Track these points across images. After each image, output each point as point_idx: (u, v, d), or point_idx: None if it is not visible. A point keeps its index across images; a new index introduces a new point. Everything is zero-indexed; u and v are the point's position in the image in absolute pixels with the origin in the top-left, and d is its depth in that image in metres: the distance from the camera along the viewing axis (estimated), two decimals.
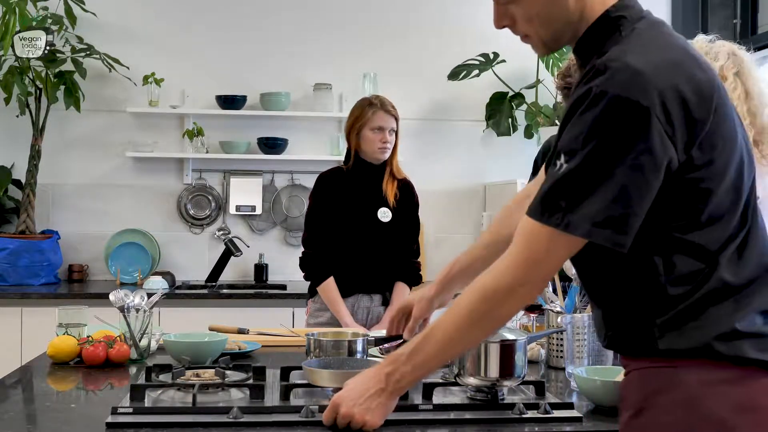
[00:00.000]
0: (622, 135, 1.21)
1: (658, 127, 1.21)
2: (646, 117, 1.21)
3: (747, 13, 4.43)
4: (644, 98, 1.21)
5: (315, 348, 1.98)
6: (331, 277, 3.17)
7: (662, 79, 1.23)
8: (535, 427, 1.62)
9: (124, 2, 4.69)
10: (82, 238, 4.64)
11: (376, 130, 3.17)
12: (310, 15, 4.80)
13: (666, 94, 1.22)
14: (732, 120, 1.32)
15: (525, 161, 3.79)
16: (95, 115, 4.64)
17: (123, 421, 1.58)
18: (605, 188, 1.22)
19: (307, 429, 1.57)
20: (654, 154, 1.22)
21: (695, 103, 1.24)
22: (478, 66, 4.67)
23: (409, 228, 3.30)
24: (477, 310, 1.36)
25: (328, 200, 3.21)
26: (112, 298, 2.25)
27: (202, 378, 1.82)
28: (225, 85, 4.68)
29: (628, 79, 1.22)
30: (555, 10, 1.36)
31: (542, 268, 1.31)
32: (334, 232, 3.20)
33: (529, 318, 2.41)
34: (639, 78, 1.22)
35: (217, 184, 4.78)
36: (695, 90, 1.25)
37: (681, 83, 1.24)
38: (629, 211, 1.23)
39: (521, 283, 1.32)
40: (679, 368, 1.27)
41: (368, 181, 3.24)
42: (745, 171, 1.33)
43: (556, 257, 1.30)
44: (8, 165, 4.55)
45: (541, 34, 1.40)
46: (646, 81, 1.21)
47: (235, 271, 4.70)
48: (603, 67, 1.25)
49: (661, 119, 1.21)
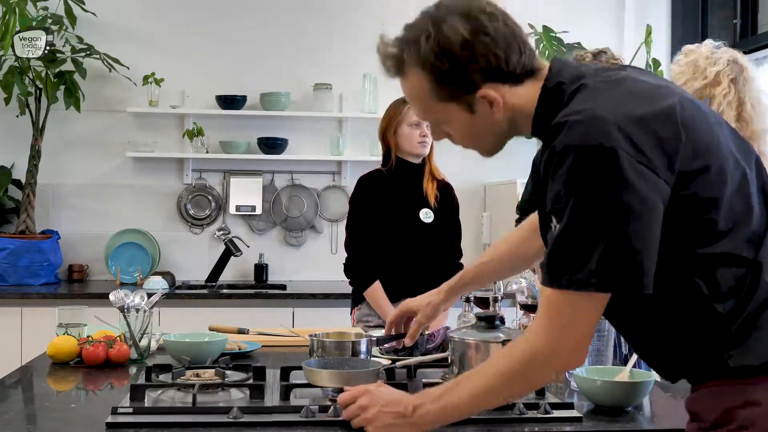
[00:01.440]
0: (598, 182, 1.20)
1: (629, 161, 1.19)
2: (613, 157, 1.19)
3: (747, 13, 4.43)
4: (606, 139, 1.20)
5: (318, 348, 1.97)
6: (378, 281, 3.14)
7: (617, 114, 1.22)
8: (535, 427, 1.62)
9: (124, 2, 4.69)
10: (82, 238, 4.64)
11: (414, 126, 3.16)
12: (310, 15, 4.80)
13: (626, 126, 1.21)
14: (709, 125, 1.30)
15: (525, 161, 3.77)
16: (95, 115, 4.64)
17: (123, 421, 1.58)
18: (601, 238, 1.21)
19: (307, 429, 1.57)
20: (636, 189, 1.20)
21: (659, 123, 1.23)
22: None
23: (451, 229, 3.29)
24: (512, 373, 1.35)
25: (370, 203, 3.17)
26: (112, 298, 2.25)
27: (202, 378, 1.82)
28: (225, 85, 4.68)
29: (584, 126, 1.22)
30: (485, 126, 1.39)
31: (572, 333, 1.29)
32: (377, 235, 3.18)
33: (529, 318, 2.41)
34: (594, 121, 1.22)
35: (217, 184, 4.78)
36: (654, 114, 1.24)
37: (637, 111, 1.23)
38: (634, 252, 1.21)
39: (554, 351, 1.30)
40: (755, 385, 1.25)
41: (409, 182, 3.23)
42: (747, 168, 1.31)
43: (585, 319, 1.28)
44: (8, 165, 4.55)
45: (481, 146, 1.45)
46: (603, 121, 1.21)
47: (235, 271, 4.70)
48: (558, 125, 1.26)
49: (630, 152, 1.20)
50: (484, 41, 1.32)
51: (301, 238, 4.81)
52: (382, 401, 1.46)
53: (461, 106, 1.37)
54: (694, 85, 2.41)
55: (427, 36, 1.33)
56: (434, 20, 1.34)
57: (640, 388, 1.73)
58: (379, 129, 3.27)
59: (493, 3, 1.37)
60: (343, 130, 4.78)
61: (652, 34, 4.59)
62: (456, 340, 1.82)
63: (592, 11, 4.90)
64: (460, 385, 1.40)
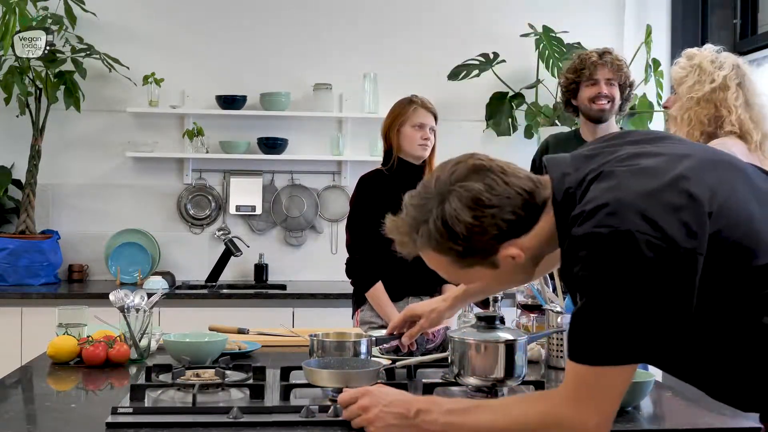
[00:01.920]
0: (616, 266, 1.20)
1: (645, 240, 1.20)
2: (629, 239, 1.20)
3: (747, 13, 4.43)
4: (620, 223, 1.21)
5: (318, 349, 1.97)
6: (380, 281, 3.12)
7: (628, 193, 1.23)
8: None
9: (124, 2, 4.69)
10: (82, 238, 4.64)
11: (417, 127, 3.14)
12: (310, 15, 4.80)
13: (639, 203, 1.22)
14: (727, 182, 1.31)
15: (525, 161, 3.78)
16: (95, 115, 4.64)
17: (123, 421, 1.58)
18: (624, 314, 1.21)
19: (307, 429, 1.57)
20: (654, 268, 1.20)
21: (671, 194, 1.24)
22: (478, 66, 4.67)
23: None
24: (526, 428, 1.34)
25: (371, 203, 3.15)
26: (112, 298, 2.25)
27: (202, 378, 1.82)
28: (225, 85, 4.68)
29: (600, 214, 1.23)
30: (514, 272, 1.41)
31: (600, 405, 1.28)
32: (378, 235, 3.16)
33: (529, 318, 2.41)
34: (608, 208, 1.22)
35: (217, 184, 4.78)
36: (663, 186, 1.25)
37: (648, 186, 1.24)
38: (656, 325, 1.22)
39: (581, 423, 1.28)
40: None
41: (409, 183, 3.20)
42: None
43: (613, 392, 1.28)
44: (8, 165, 4.55)
45: (514, 284, 1.55)
46: (617, 206, 1.22)
47: (235, 271, 4.70)
48: (573, 218, 1.27)
49: (646, 230, 1.20)
50: (489, 214, 1.33)
51: (301, 238, 4.81)
52: (383, 401, 1.46)
53: (485, 266, 1.39)
54: (702, 89, 2.43)
55: (434, 221, 1.36)
56: (439, 200, 1.37)
57: (640, 388, 1.73)
58: (382, 126, 3.26)
59: (486, 158, 1.38)
60: (343, 130, 4.78)
61: (652, 34, 4.59)
62: (456, 340, 1.82)
63: (592, 11, 4.90)
64: (470, 412, 1.39)
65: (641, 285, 1.20)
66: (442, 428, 1.40)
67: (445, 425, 1.40)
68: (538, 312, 2.43)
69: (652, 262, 1.19)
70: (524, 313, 2.47)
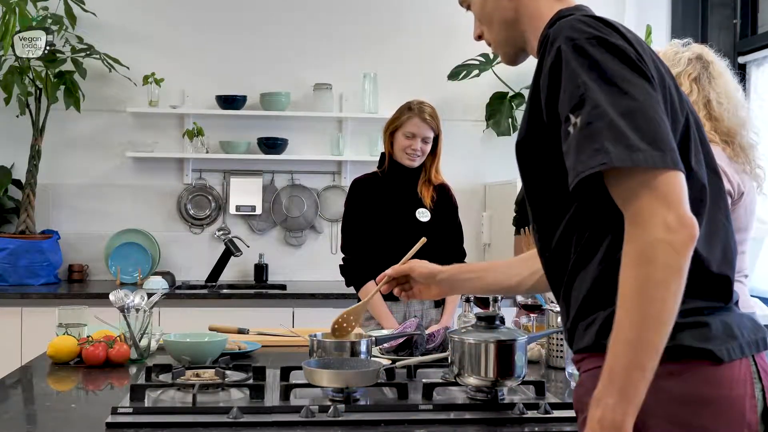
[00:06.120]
0: (608, 63, 1.23)
1: (624, 45, 1.25)
2: (614, 41, 1.25)
3: (747, 13, 4.43)
4: (600, 31, 1.26)
5: (318, 349, 1.98)
6: (372, 281, 3.09)
7: (610, 20, 1.31)
8: (535, 427, 1.63)
9: (124, 2, 4.69)
10: (82, 238, 4.64)
11: (408, 137, 3.13)
12: (310, 15, 4.80)
13: (617, 26, 1.29)
14: None
15: None
16: (95, 115, 4.64)
17: (123, 421, 1.58)
18: (627, 109, 1.19)
19: (307, 429, 1.57)
20: (636, 59, 1.25)
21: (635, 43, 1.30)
22: (478, 66, 4.67)
23: (451, 229, 3.25)
24: (638, 281, 1.15)
25: (364, 204, 3.16)
26: (112, 298, 2.25)
27: (202, 378, 1.82)
28: (225, 85, 4.68)
29: (581, 24, 1.28)
30: (493, 5, 1.49)
31: (662, 202, 1.15)
32: (373, 235, 3.16)
33: (529, 318, 2.41)
34: (589, 20, 1.29)
35: (217, 184, 4.78)
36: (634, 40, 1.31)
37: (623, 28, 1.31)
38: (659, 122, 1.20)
39: (664, 223, 1.14)
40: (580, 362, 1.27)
41: (403, 185, 3.20)
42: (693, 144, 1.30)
43: (674, 187, 1.16)
44: (8, 165, 4.55)
45: (495, 38, 1.52)
46: (596, 22, 1.29)
47: (235, 271, 4.70)
48: (556, 30, 1.32)
49: (626, 36, 1.27)
50: None
51: (301, 238, 4.81)
52: None
53: None
54: None
55: None
56: None
57: None
58: (383, 127, 3.27)
59: None
60: (343, 130, 4.78)
61: (652, 34, 4.59)
62: (456, 340, 1.82)
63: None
64: (609, 351, 1.18)
65: (633, 72, 1.23)
66: (621, 405, 1.15)
67: (619, 400, 1.15)
68: (538, 312, 2.43)
69: (634, 56, 1.25)
70: (524, 313, 2.47)
